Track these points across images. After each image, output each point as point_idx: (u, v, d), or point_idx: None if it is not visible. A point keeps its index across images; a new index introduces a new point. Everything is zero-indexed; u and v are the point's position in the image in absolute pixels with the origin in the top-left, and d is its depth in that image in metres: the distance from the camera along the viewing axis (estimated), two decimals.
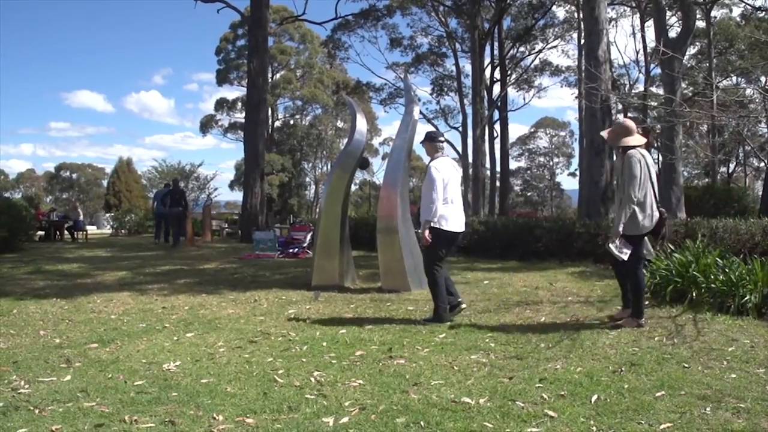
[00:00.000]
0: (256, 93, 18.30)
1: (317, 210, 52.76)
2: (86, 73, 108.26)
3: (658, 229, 5.22)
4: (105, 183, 54.26)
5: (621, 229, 5.11)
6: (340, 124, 50.86)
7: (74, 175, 64.26)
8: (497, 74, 29.96)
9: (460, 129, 29.04)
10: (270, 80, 39.20)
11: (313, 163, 51.91)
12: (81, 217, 20.43)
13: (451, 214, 5.71)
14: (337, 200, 8.35)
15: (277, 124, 47.93)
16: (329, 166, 52.36)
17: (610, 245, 5.16)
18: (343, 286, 8.21)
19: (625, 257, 5.10)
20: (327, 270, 8.20)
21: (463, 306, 6.03)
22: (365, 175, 52.84)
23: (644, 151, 5.22)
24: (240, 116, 44.12)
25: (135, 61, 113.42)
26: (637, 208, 5.09)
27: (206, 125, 46.07)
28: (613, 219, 4.95)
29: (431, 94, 32.03)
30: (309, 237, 13.10)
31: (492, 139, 30.16)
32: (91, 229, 25.99)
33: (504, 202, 29.83)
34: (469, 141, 26.63)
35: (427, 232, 5.62)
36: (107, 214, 29.42)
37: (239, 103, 44.04)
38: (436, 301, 5.76)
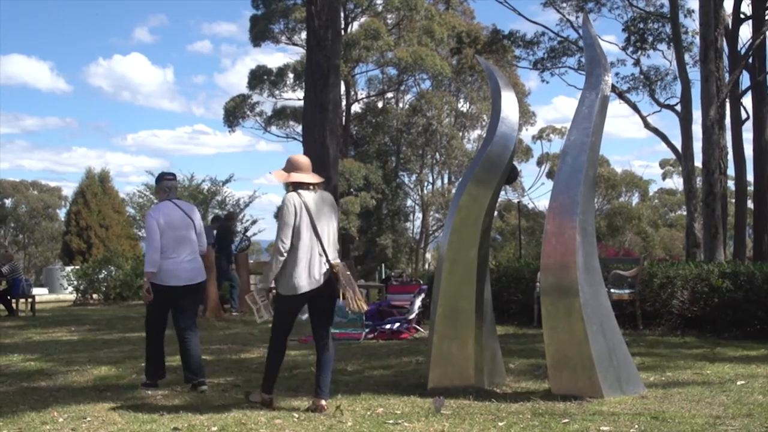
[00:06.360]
0: (321, 57, 18.66)
1: (430, 256, 52.75)
2: (20, 29, 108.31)
3: (328, 290, 7.29)
4: (62, 214, 55.58)
5: (271, 283, 7.34)
6: (464, 106, 51.19)
7: (7, 201, 66.66)
8: (746, 8, 29.33)
9: (679, 107, 28.50)
10: (343, 34, 40.02)
11: (419, 176, 52.41)
12: (21, 274, 20.90)
13: (166, 267, 8.35)
14: (469, 239, 8.41)
15: (356, 108, 48.86)
16: (450, 180, 52.62)
17: (248, 298, 7.59)
18: (482, 387, 8.22)
19: (260, 319, 7.60)
20: (454, 360, 8.23)
21: (204, 388, 8.38)
22: (507, 193, 52.80)
23: (313, 193, 7.42)
24: (293, 97, 45.37)
25: (104, 5, 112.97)
26: (290, 262, 7.16)
27: (234, 113, 47.15)
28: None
29: (624, 48, 31.75)
30: (419, 303, 13.21)
31: (738, 123, 29.42)
32: (40, 293, 26.58)
33: (763, 237, 28.92)
34: (696, 129, 26.12)
35: (146, 286, 8.48)
36: (67, 268, 29.96)
37: (291, 75, 45.11)
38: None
